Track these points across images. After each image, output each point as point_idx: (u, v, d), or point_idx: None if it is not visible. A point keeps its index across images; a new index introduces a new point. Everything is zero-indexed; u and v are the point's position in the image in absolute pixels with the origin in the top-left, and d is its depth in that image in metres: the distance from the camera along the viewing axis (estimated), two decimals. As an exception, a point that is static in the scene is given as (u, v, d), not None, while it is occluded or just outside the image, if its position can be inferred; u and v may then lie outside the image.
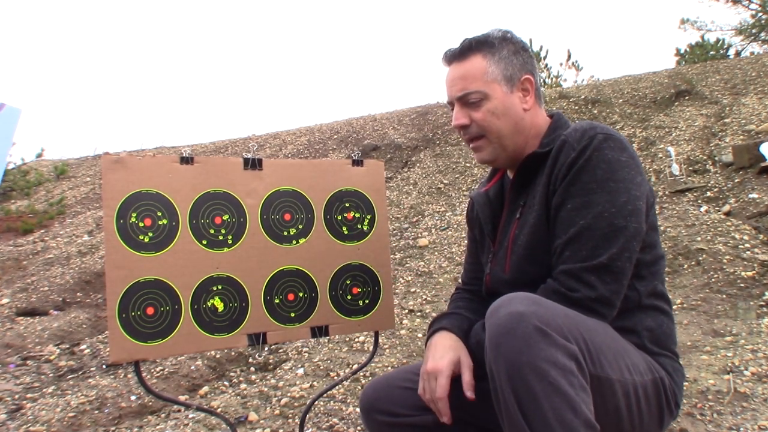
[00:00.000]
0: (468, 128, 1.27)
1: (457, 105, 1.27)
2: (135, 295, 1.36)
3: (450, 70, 1.29)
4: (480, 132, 1.26)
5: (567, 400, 0.90)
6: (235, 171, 1.51)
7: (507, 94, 1.25)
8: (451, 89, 1.28)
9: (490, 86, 1.24)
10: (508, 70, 1.25)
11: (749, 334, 2.43)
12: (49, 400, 2.65)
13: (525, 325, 0.93)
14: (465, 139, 1.31)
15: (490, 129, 1.25)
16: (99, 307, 4.34)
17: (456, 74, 1.27)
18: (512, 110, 1.25)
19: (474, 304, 1.41)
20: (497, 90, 1.24)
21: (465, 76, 1.25)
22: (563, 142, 1.17)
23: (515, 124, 1.26)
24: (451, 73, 1.28)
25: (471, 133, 1.27)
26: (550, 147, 1.20)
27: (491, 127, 1.25)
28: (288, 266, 1.54)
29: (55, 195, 7.87)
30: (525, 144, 1.27)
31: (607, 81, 7.94)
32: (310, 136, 8.25)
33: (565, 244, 1.12)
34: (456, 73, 1.27)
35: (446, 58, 1.30)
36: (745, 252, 3.15)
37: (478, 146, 1.28)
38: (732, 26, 13.68)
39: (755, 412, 1.77)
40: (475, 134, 1.27)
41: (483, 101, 1.24)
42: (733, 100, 5.97)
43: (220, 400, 2.45)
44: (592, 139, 1.13)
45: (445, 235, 4.55)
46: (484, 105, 1.24)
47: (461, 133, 1.31)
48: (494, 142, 1.26)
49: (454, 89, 1.26)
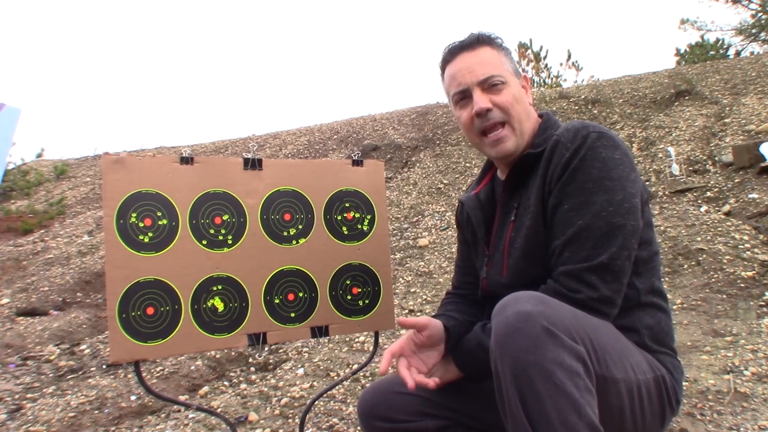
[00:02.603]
0: (490, 113, 1.22)
1: (478, 90, 1.23)
2: (135, 295, 1.36)
3: (461, 59, 1.26)
4: (503, 117, 1.23)
5: (572, 402, 0.90)
6: (235, 171, 1.51)
7: (518, 85, 1.27)
8: (469, 75, 1.24)
9: (507, 74, 1.25)
10: (513, 65, 1.28)
11: (749, 334, 2.43)
12: (49, 400, 2.65)
13: (532, 325, 0.93)
14: (485, 127, 1.24)
15: (514, 113, 1.23)
16: (99, 307, 4.34)
17: (473, 61, 1.25)
18: (524, 100, 1.27)
19: (463, 307, 1.41)
20: (512, 78, 1.26)
21: (483, 62, 1.24)
22: (556, 142, 1.17)
23: (528, 114, 1.27)
24: (463, 61, 1.26)
25: (494, 119, 1.23)
26: (542, 147, 1.20)
27: (515, 111, 1.23)
28: (288, 266, 1.54)
29: (55, 195, 7.87)
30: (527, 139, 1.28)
31: (607, 81, 7.94)
32: (310, 136, 8.25)
33: (564, 245, 1.11)
34: (472, 60, 1.25)
35: (453, 50, 1.28)
36: (745, 252, 3.15)
37: (501, 136, 1.23)
38: (732, 26, 13.68)
39: (755, 412, 1.77)
40: (498, 119, 1.23)
41: (504, 86, 1.23)
42: (733, 100, 5.97)
43: (220, 400, 2.45)
44: (585, 138, 1.13)
45: (445, 235, 4.55)
46: (505, 89, 1.23)
47: (475, 124, 1.24)
48: (516, 128, 1.24)
49: (475, 74, 1.23)
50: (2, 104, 1.61)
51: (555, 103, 6.93)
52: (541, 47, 9.46)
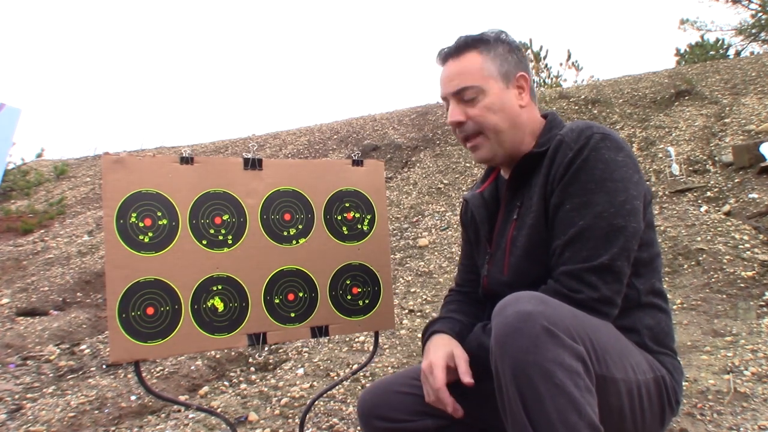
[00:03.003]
0: (464, 126, 1.25)
1: (453, 101, 1.25)
2: (135, 295, 1.36)
3: (445, 68, 1.27)
4: (477, 129, 1.24)
5: (572, 401, 0.90)
6: (235, 171, 1.51)
7: (503, 90, 1.24)
8: (446, 86, 1.26)
9: (487, 82, 1.23)
10: (504, 67, 1.25)
11: (749, 334, 2.43)
12: (49, 400, 2.65)
13: (532, 325, 0.93)
14: (460, 137, 1.29)
15: (487, 125, 1.23)
16: (99, 307, 4.34)
17: (452, 71, 1.25)
18: (508, 106, 1.24)
19: (466, 306, 1.41)
20: (493, 86, 1.23)
21: (461, 72, 1.24)
22: (560, 141, 1.17)
23: (512, 120, 1.24)
24: (446, 70, 1.27)
25: (467, 131, 1.25)
26: (546, 147, 1.20)
27: (488, 123, 1.23)
28: (288, 266, 1.54)
29: (55, 195, 7.87)
30: (522, 141, 1.26)
31: (607, 81, 7.94)
32: (310, 136, 8.25)
33: (564, 245, 1.12)
34: (452, 70, 1.25)
35: (441, 57, 1.29)
36: (745, 252, 3.15)
37: (476, 144, 1.26)
38: (732, 26, 13.67)
39: (755, 412, 1.77)
40: (471, 131, 1.25)
41: (479, 97, 1.22)
42: (733, 100, 5.97)
43: (220, 400, 2.45)
44: (589, 139, 1.13)
45: (445, 235, 4.55)
46: (481, 101, 1.22)
47: (456, 132, 1.28)
48: (491, 138, 1.24)
49: (450, 85, 1.25)
50: (2, 104, 1.61)
51: (555, 103, 6.93)
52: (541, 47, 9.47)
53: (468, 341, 1.21)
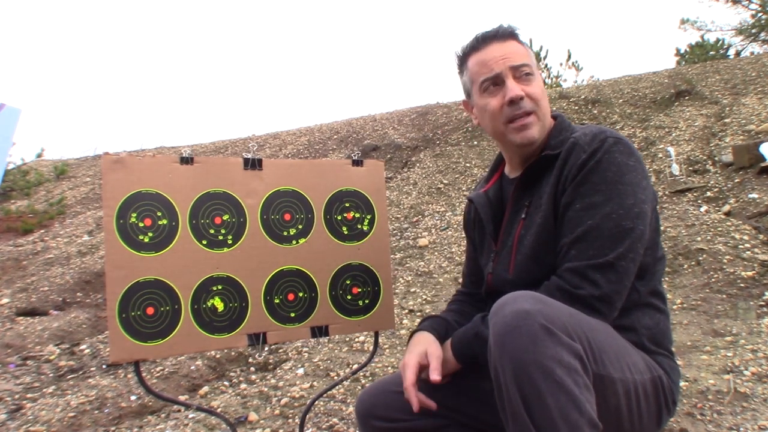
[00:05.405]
0: (522, 102, 1.23)
1: (510, 77, 1.24)
2: (135, 295, 1.36)
3: (491, 48, 1.27)
4: (533, 107, 1.24)
5: (572, 398, 0.91)
6: (235, 171, 1.51)
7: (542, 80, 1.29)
8: (502, 61, 1.24)
9: (535, 68, 1.27)
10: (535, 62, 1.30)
11: (749, 334, 2.43)
12: (49, 400, 2.65)
13: (531, 323, 0.93)
14: (514, 115, 1.24)
15: (542, 104, 1.25)
16: (99, 307, 4.34)
17: (504, 50, 1.26)
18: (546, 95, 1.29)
19: (466, 306, 1.44)
20: (538, 73, 1.28)
21: (515, 51, 1.26)
22: (573, 144, 1.18)
23: (549, 110, 1.29)
24: (494, 50, 1.26)
25: (525, 108, 1.23)
26: (559, 149, 1.21)
27: (543, 104, 1.25)
28: (288, 266, 1.54)
29: (55, 195, 7.87)
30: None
31: (607, 81, 7.94)
32: (310, 136, 8.25)
33: (571, 243, 1.12)
34: (504, 49, 1.26)
35: (485, 38, 1.29)
36: (745, 252, 3.15)
37: (529, 123, 1.24)
38: (732, 26, 13.68)
39: (755, 412, 1.77)
40: (528, 109, 1.24)
41: (533, 77, 1.25)
42: (733, 100, 5.97)
43: (220, 400, 2.46)
44: (602, 143, 1.15)
45: (445, 235, 4.55)
46: (534, 81, 1.25)
47: (507, 111, 1.24)
48: (541, 119, 1.26)
49: (509, 60, 1.24)
50: (2, 104, 1.61)
51: (555, 103, 6.93)
52: (541, 47, 9.48)
53: (466, 330, 1.20)
